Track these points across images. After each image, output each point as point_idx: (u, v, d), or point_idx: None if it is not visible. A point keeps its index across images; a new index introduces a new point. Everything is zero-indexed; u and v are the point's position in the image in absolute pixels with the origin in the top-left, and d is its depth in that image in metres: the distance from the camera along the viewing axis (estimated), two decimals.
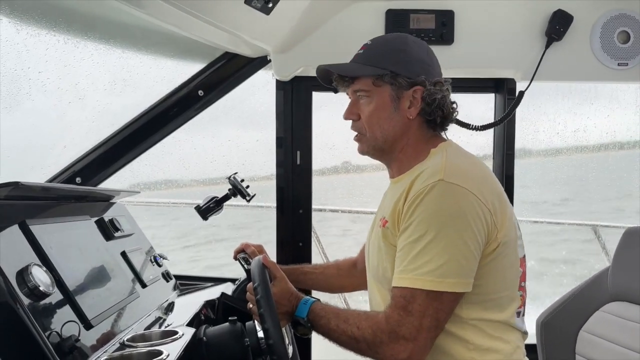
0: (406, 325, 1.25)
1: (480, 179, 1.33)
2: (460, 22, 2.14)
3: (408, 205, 1.30)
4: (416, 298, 1.24)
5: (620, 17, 2.16)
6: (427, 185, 1.28)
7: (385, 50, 1.43)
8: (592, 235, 3.96)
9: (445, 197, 1.26)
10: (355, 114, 1.46)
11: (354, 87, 1.45)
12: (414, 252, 1.26)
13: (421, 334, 1.24)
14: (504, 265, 1.34)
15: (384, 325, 1.27)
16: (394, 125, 1.42)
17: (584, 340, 1.87)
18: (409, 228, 1.28)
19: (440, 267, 1.23)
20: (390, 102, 1.41)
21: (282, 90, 2.26)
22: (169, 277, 2.03)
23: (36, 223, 1.33)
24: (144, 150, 2.31)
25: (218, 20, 1.79)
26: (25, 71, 2.14)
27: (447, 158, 1.36)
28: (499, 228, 1.30)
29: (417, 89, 1.40)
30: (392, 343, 1.25)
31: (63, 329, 1.17)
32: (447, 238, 1.24)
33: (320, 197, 4.01)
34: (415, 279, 1.25)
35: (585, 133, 3.96)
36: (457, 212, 1.25)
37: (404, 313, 1.25)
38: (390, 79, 1.39)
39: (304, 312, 1.36)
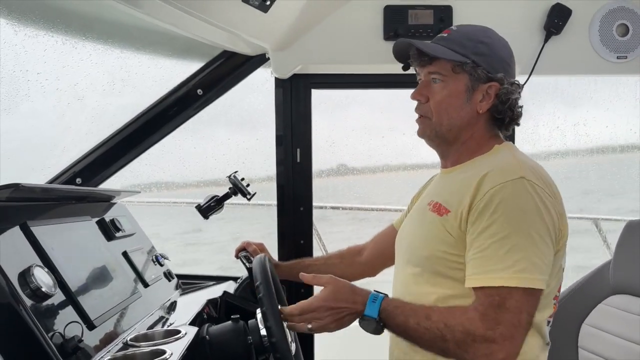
0: (504, 323, 1.21)
1: (551, 181, 1.34)
2: (459, 17, 2.13)
3: (486, 202, 1.26)
4: (513, 295, 1.22)
5: (618, 10, 2.15)
6: (507, 181, 1.26)
7: (470, 39, 1.39)
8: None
9: (529, 195, 1.25)
10: (424, 96, 1.41)
11: (431, 68, 1.40)
12: (504, 251, 1.23)
13: (519, 331, 1.22)
14: (556, 268, 1.34)
15: (478, 323, 1.22)
16: (462, 116, 1.39)
17: (587, 333, 1.87)
18: (492, 226, 1.25)
19: (534, 264, 1.23)
20: (465, 91, 1.38)
21: (281, 88, 2.25)
22: (171, 277, 2.03)
23: (37, 224, 1.33)
24: (143, 150, 2.31)
25: (216, 18, 1.79)
26: (23, 72, 2.14)
27: (519, 157, 1.35)
28: (562, 233, 1.32)
29: (493, 84, 1.38)
30: (488, 342, 1.21)
31: (66, 330, 1.17)
32: (534, 236, 1.23)
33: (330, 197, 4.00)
34: (510, 277, 1.22)
35: (585, 127, 3.96)
36: (542, 210, 1.25)
37: (500, 311, 1.21)
38: (470, 68, 1.37)
39: (375, 312, 1.28)
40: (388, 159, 4.20)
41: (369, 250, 1.83)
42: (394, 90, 2.39)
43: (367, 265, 1.81)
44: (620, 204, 9.79)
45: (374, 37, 2.13)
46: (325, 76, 2.28)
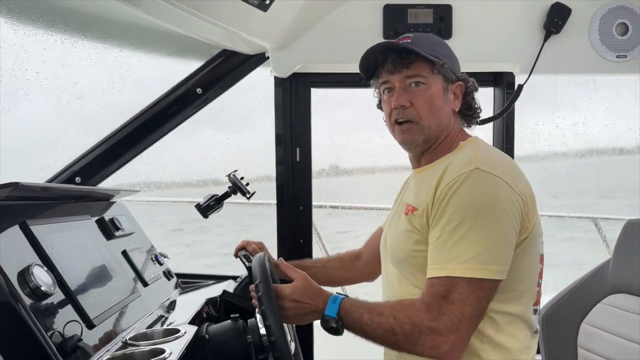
0: (448, 314, 1.22)
1: (511, 169, 1.34)
2: (458, 16, 2.13)
3: (443, 194, 1.28)
4: (457, 287, 1.22)
5: (618, 9, 2.15)
6: (463, 173, 1.27)
7: (433, 42, 1.43)
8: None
9: (481, 185, 1.26)
10: (407, 100, 1.40)
11: (409, 72, 1.40)
12: (452, 241, 1.24)
13: (463, 323, 1.22)
14: (529, 256, 1.34)
15: (423, 314, 1.23)
16: (445, 116, 1.43)
17: (586, 332, 1.87)
18: (444, 217, 1.27)
19: (480, 254, 1.22)
20: (442, 92, 1.42)
21: (280, 87, 2.25)
22: (171, 276, 2.03)
23: (37, 223, 1.33)
24: (143, 149, 2.31)
25: (215, 17, 1.79)
26: (23, 71, 2.14)
27: (479, 149, 1.37)
28: (529, 218, 1.31)
29: (459, 84, 1.44)
30: (433, 334, 1.22)
31: (65, 329, 1.17)
32: (484, 226, 1.23)
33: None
34: (455, 267, 1.23)
35: (584, 126, 3.96)
36: (494, 200, 1.25)
37: (445, 302, 1.22)
38: (444, 70, 1.41)
39: (334, 311, 1.30)
40: (386, 160, 4.20)
41: (366, 255, 1.84)
42: None
43: (365, 270, 1.82)
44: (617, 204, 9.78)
45: (373, 36, 2.13)
46: (325, 75, 2.28)
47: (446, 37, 2.11)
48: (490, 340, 1.31)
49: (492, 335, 1.31)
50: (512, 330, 1.34)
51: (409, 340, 1.24)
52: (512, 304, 1.33)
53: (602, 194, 14.08)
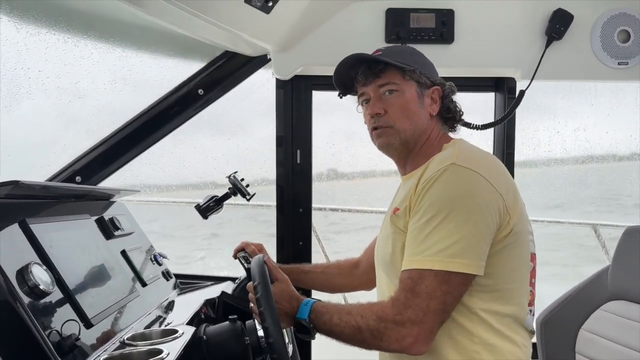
0: (412, 307, 1.22)
1: (492, 166, 1.35)
2: (461, 21, 2.14)
3: (420, 189, 1.30)
4: (424, 279, 1.23)
5: (620, 16, 2.16)
6: (439, 169, 1.29)
7: (403, 51, 1.49)
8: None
9: (456, 179, 1.27)
10: (381, 108, 1.45)
11: (380, 81, 1.44)
12: (424, 234, 1.25)
13: (428, 316, 1.22)
14: (515, 255, 1.33)
15: (389, 309, 1.25)
16: (421, 120, 1.45)
17: (584, 339, 1.87)
18: (420, 211, 1.28)
19: (450, 247, 1.22)
20: (417, 97, 1.45)
21: (282, 89, 2.26)
22: (169, 276, 2.03)
23: (36, 222, 1.33)
24: (144, 149, 2.31)
25: (218, 19, 1.79)
26: (25, 70, 2.14)
27: (459, 148, 1.39)
28: (510, 214, 1.30)
29: (436, 88, 1.47)
30: (398, 327, 1.23)
31: (63, 328, 1.17)
32: (457, 219, 1.23)
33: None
34: (423, 260, 1.24)
35: (585, 132, 3.96)
36: (468, 193, 1.26)
37: (411, 295, 1.23)
38: (417, 76, 1.44)
39: (305, 314, 1.33)
40: (384, 165, 4.19)
41: (363, 264, 1.84)
42: None
43: (362, 278, 1.82)
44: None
45: (375, 39, 2.13)
46: (327, 78, 2.26)
47: (448, 42, 2.12)
48: (483, 341, 1.31)
49: (486, 337, 1.31)
50: (505, 331, 1.33)
51: (374, 335, 1.26)
52: (502, 304, 1.32)
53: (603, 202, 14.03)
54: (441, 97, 1.48)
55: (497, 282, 1.31)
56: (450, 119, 1.50)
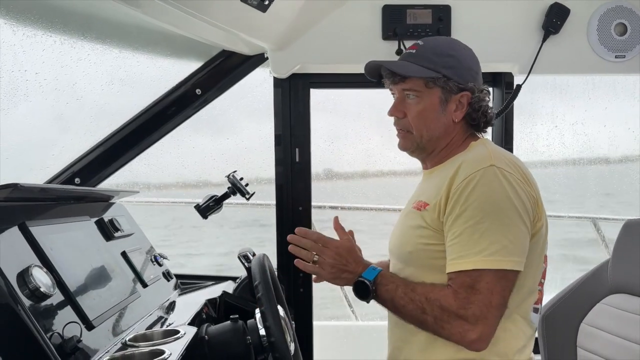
0: (475, 303, 1.25)
1: (523, 169, 1.38)
2: (457, 16, 2.13)
3: (460, 190, 1.31)
4: (484, 277, 1.25)
5: (616, 10, 2.16)
6: (479, 169, 1.31)
7: (438, 53, 1.45)
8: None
9: (498, 180, 1.29)
10: (401, 111, 1.47)
11: (404, 86, 1.45)
12: (476, 236, 1.27)
13: (491, 312, 1.25)
14: (534, 255, 1.36)
15: (452, 300, 1.27)
16: (440, 127, 1.45)
17: (585, 332, 1.87)
18: (465, 212, 1.29)
19: (505, 247, 1.26)
20: (439, 104, 1.44)
21: (279, 87, 2.25)
22: (170, 277, 2.03)
23: (36, 224, 1.33)
24: (142, 150, 2.31)
25: (214, 18, 1.79)
26: (22, 72, 2.14)
27: (492, 148, 1.41)
28: (539, 216, 1.36)
29: (465, 94, 1.44)
30: (461, 320, 1.26)
31: (64, 330, 1.17)
32: (505, 220, 1.27)
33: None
34: (482, 260, 1.26)
35: (583, 126, 3.96)
36: (511, 195, 1.29)
37: (472, 291, 1.26)
38: (442, 82, 1.42)
39: (372, 275, 1.36)
40: (384, 164, 4.17)
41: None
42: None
43: None
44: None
45: (372, 36, 2.13)
46: (324, 76, 2.28)
47: None
48: None
49: None
50: (509, 326, 1.35)
51: (437, 322, 1.29)
52: (511, 299, 1.33)
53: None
54: (469, 103, 1.45)
55: (518, 279, 1.33)
56: (476, 126, 1.49)
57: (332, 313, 4.24)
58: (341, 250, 1.41)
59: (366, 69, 1.53)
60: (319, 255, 1.42)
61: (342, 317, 3.73)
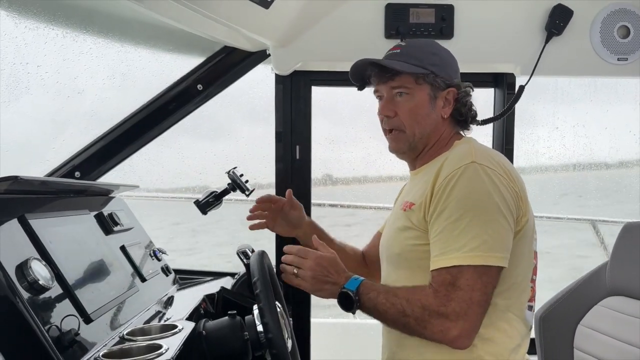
0: (456, 299, 1.25)
1: (506, 164, 1.39)
2: (460, 16, 2.13)
3: (442, 188, 1.32)
4: (464, 274, 1.26)
5: (620, 12, 2.15)
6: (460, 166, 1.32)
7: (423, 51, 1.47)
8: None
9: (479, 177, 1.30)
10: (392, 110, 1.48)
11: (394, 83, 1.46)
12: (456, 232, 1.28)
13: (472, 308, 1.25)
14: (521, 251, 1.36)
15: (432, 299, 1.27)
16: (430, 123, 1.47)
17: (582, 334, 1.88)
18: (446, 210, 1.30)
19: (485, 242, 1.26)
20: (429, 101, 1.46)
21: (281, 84, 2.25)
22: (169, 271, 2.04)
23: (35, 217, 1.33)
24: (143, 145, 2.31)
25: (217, 14, 1.79)
26: (23, 65, 2.13)
27: (474, 146, 1.43)
28: (523, 211, 1.36)
29: (451, 90, 1.47)
30: (442, 318, 1.25)
31: (62, 323, 1.17)
32: (486, 215, 1.28)
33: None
34: (462, 256, 1.26)
35: (584, 128, 3.96)
36: (492, 190, 1.29)
37: (452, 288, 1.26)
38: (431, 79, 1.45)
39: (354, 286, 1.36)
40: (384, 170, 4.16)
41: (369, 257, 1.83)
42: None
43: (369, 269, 1.81)
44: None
45: (375, 35, 2.13)
46: (326, 73, 2.28)
47: (447, 37, 2.11)
48: (480, 335, 1.32)
49: (482, 330, 1.32)
50: (503, 326, 1.35)
51: (419, 323, 1.28)
52: (503, 298, 1.35)
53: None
54: (455, 99, 1.48)
55: (504, 276, 1.33)
56: (463, 122, 1.51)
57: (330, 312, 4.25)
58: (321, 261, 1.40)
59: (352, 72, 1.53)
60: (300, 268, 1.41)
61: (339, 315, 3.73)
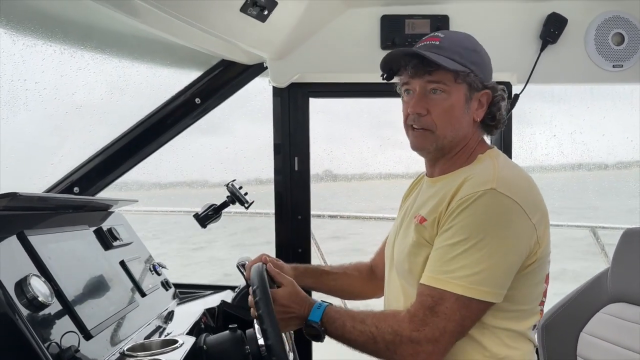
0: (430, 325, 1.22)
1: (529, 192, 1.30)
2: (455, 26, 2.14)
3: (454, 208, 1.26)
4: (445, 300, 1.22)
5: (614, 19, 2.17)
6: (478, 191, 1.24)
7: (464, 47, 1.36)
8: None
9: (494, 206, 1.23)
10: (424, 108, 1.35)
11: (431, 78, 1.33)
12: (451, 255, 1.23)
13: (444, 337, 1.22)
14: (535, 280, 1.32)
15: (406, 324, 1.24)
16: (464, 126, 1.37)
17: (585, 342, 1.87)
18: (450, 230, 1.25)
19: (476, 274, 1.20)
20: (464, 101, 1.35)
21: (279, 96, 2.26)
22: (168, 286, 2.03)
23: (34, 233, 1.33)
24: (141, 159, 2.31)
25: (214, 28, 1.80)
26: (22, 82, 2.14)
27: (499, 167, 1.32)
28: (540, 244, 1.28)
29: (486, 92, 1.38)
30: (413, 343, 1.22)
31: (62, 340, 1.16)
32: (487, 247, 1.21)
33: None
34: (447, 281, 1.22)
35: (581, 135, 3.98)
36: (503, 223, 1.23)
37: (430, 313, 1.22)
38: (471, 78, 1.34)
39: (317, 317, 1.30)
40: (383, 168, 4.17)
41: (380, 269, 1.73)
42: (391, 100, 2.40)
43: (381, 285, 1.69)
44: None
45: (371, 46, 2.14)
46: (323, 85, 2.29)
47: None
48: (494, 355, 1.30)
49: (496, 350, 1.30)
50: (513, 344, 1.33)
51: (389, 348, 1.25)
52: (515, 323, 1.32)
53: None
54: (489, 102, 1.39)
55: (514, 304, 1.30)
56: (491, 126, 1.42)
57: None
58: (283, 300, 1.32)
59: (385, 59, 1.41)
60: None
61: None
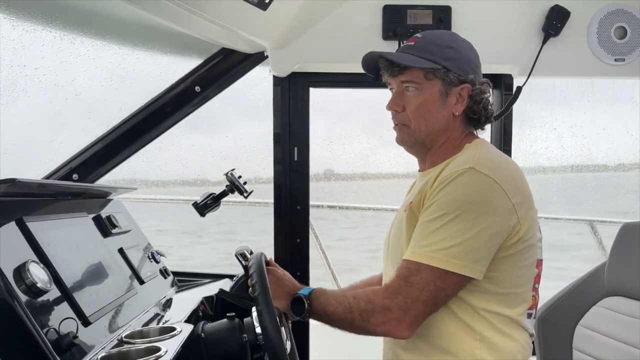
0: (403, 294, 1.25)
1: (509, 174, 1.34)
2: (458, 17, 2.13)
3: (435, 186, 1.31)
4: (420, 272, 1.25)
5: (617, 13, 2.16)
6: (457, 170, 1.30)
7: (437, 44, 1.42)
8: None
9: (472, 183, 1.28)
10: (400, 105, 1.44)
11: (403, 77, 1.42)
12: (430, 230, 1.27)
13: (416, 305, 1.25)
14: (522, 262, 1.34)
15: (380, 292, 1.29)
16: (439, 120, 1.42)
17: (581, 335, 1.88)
18: (431, 207, 1.30)
19: (452, 247, 1.24)
20: (439, 97, 1.41)
21: (279, 86, 2.25)
22: (167, 274, 2.03)
23: (33, 220, 1.33)
24: (141, 147, 2.31)
25: (215, 16, 1.79)
26: (21, 68, 2.13)
27: (480, 151, 1.38)
28: (521, 224, 1.31)
29: (465, 86, 1.41)
30: (385, 310, 1.26)
31: (61, 326, 1.17)
32: (464, 222, 1.25)
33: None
34: (424, 254, 1.26)
35: (581, 128, 3.97)
36: (480, 199, 1.27)
37: (404, 283, 1.26)
38: (442, 74, 1.39)
39: (306, 292, 1.37)
40: (385, 166, 4.16)
41: None
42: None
43: None
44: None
45: (372, 36, 2.13)
46: (324, 75, 2.28)
47: None
48: (484, 339, 1.32)
49: (487, 334, 1.32)
50: (506, 330, 1.35)
51: (362, 317, 1.29)
52: (505, 307, 1.34)
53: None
54: (470, 95, 1.42)
55: (500, 287, 1.32)
56: (475, 120, 1.46)
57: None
58: (275, 273, 1.43)
59: (364, 63, 1.50)
60: None
61: None
